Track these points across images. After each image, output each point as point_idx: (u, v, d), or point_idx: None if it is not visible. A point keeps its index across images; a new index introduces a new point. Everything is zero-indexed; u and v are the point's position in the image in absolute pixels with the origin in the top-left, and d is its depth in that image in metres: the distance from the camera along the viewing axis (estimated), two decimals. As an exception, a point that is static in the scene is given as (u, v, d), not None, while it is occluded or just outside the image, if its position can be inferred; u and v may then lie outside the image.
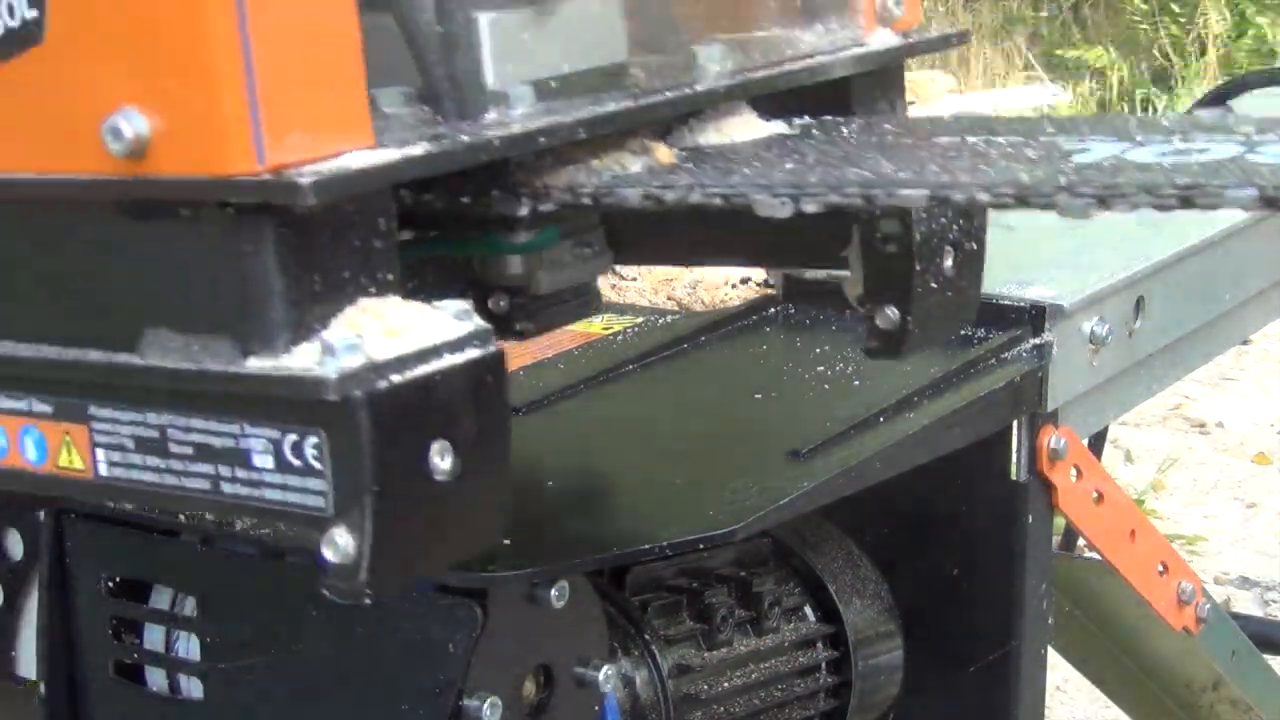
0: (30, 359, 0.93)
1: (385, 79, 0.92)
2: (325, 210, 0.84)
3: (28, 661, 1.20)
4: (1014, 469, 1.28)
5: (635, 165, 1.02)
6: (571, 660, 1.09)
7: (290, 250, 0.85)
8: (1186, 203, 0.85)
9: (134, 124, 0.85)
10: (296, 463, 0.84)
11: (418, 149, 0.87)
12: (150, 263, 0.88)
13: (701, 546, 1.16)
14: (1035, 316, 1.36)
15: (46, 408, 0.94)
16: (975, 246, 1.08)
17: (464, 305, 0.87)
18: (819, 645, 1.30)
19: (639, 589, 1.22)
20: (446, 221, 1.03)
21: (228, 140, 0.83)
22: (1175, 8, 6.89)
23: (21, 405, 0.94)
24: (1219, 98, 2.22)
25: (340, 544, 0.82)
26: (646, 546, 1.10)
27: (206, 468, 0.88)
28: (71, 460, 0.94)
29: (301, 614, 1.08)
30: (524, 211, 0.99)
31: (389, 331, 0.85)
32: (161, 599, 1.15)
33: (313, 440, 0.83)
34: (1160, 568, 1.51)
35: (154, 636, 1.14)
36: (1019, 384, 1.32)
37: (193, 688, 1.13)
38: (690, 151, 1.06)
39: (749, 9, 1.14)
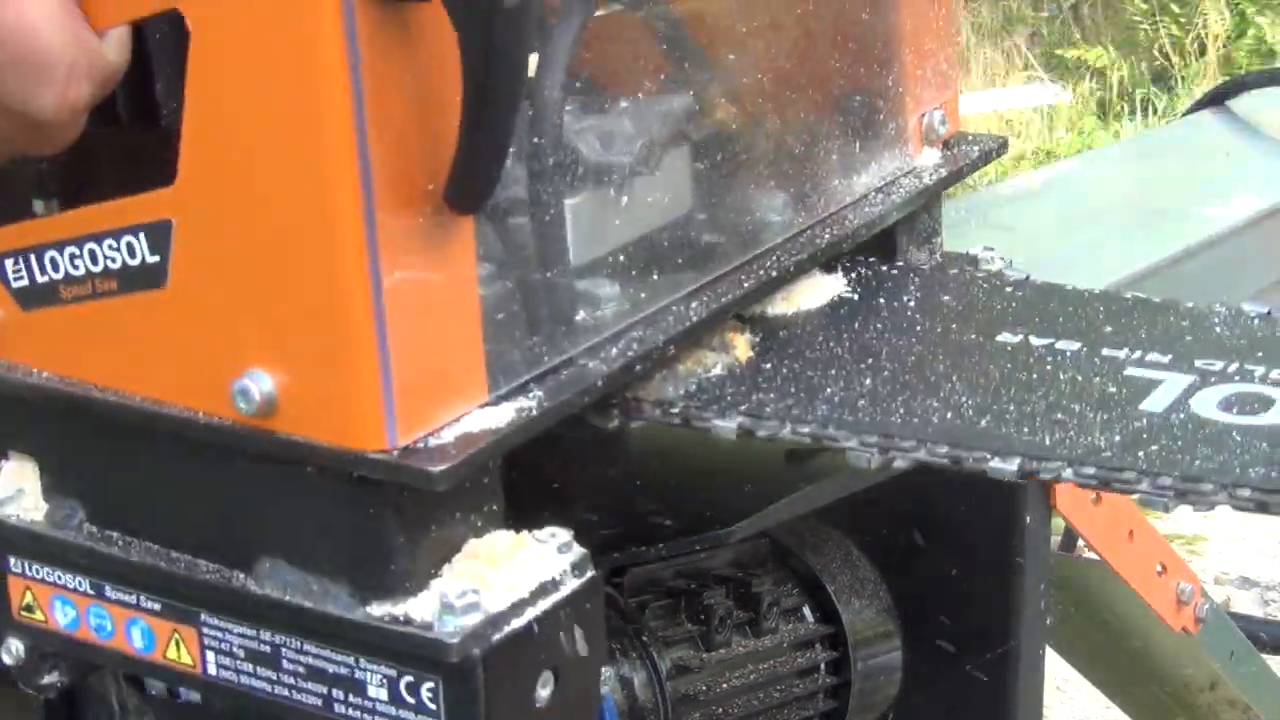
0: (143, 564, 0.93)
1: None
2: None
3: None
4: (1012, 469, 1.28)
5: (717, 365, 1.03)
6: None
7: (410, 512, 0.86)
8: (1263, 508, 0.87)
9: (262, 386, 0.84)
10: (410, 700, 0.86)
11: (531, 403, 0.88)
12: (270, 500, 0.89)
13: (699, 547, 1.16)
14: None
15: (155, 605, 0.94)
16: None
17: (565, 536, 0.89)
18: (818, 646, 1.30)
19: (637, 590, 1.21)
20: None
21: (361, 418, 0.83)
22: (1175, 8, 6.87)
23: (129, 599, 0.95)
24: (1218, 98, 2.22)
25: None
26: (644, 547, 1.10)
27: (319, 688, 0.89)
28: (180, 656, 0.94)
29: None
30: (614, 425, 1.00)
31: (501, 579, 0.87)
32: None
33: (428, 685, 0.85)
34: (1159, 568, 1.51)
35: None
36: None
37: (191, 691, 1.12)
38: (761, 332, 1.07)
39: (809, 156, 1.13)
